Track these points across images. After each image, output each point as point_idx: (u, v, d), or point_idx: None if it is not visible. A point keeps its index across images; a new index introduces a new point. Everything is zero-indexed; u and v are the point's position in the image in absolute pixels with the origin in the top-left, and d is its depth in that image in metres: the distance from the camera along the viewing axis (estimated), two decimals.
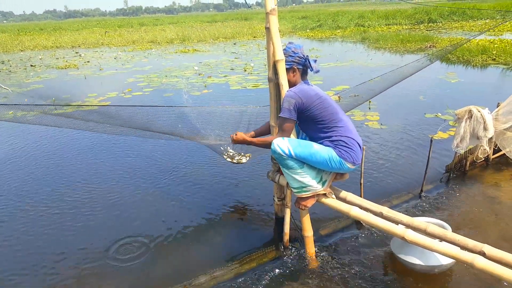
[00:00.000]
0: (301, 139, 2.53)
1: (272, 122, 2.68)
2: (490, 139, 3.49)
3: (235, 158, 3.23)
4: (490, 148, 3.72)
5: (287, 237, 2.77)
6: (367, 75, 8.39)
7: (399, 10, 28.08)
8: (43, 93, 8.97)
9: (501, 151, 3.80)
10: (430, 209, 3.22)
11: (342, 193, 2.58)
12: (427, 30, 19.64)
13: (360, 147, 2.38)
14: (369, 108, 6.23)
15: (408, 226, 2.28)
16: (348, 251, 2.72)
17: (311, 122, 2.36)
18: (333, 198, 2.50)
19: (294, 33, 23.32)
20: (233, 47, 17.54)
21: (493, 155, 4.00)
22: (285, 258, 2.68)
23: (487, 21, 21.82)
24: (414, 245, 2.20)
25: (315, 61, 2.44)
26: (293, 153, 2.28)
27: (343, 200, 2.55)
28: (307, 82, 2.46)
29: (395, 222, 2.32)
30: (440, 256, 2.30)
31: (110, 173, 4.29)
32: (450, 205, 3.27)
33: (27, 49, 21.42)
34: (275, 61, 2.43)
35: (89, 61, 14.81)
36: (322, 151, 2.29)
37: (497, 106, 3.64)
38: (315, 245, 2.68)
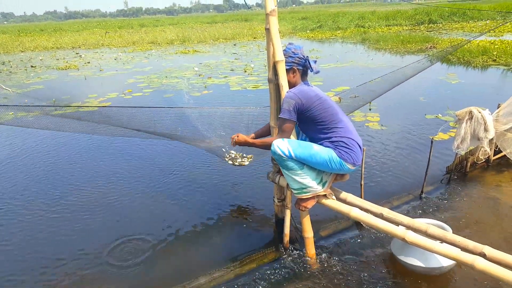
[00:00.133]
0: (301, 140, 2.53)
1: (272, 123, 2.67)
2: (490, 140, 3.49)
3: (237, 160, 3.21)
4: (490, 149, 3.71)
5: (287, 238, 2.76)
6: (368, 76, 8.39)
7: (399, 11, 28.09)
8: (44, 94, 8.98)
9: (501, 152, 3.79)
10: (430, 210, 3.21)
11: (342, 194, 2.58)
12: (428, 31, 19.64)
13: (360, 148, 2.38)
14: (370, 109, 6.22)
15: (408, 227, 2.27)
16: (348, 252, 2.72)
17: (311, 123, 2.36)
18: (333, 199, 2.50)
19: (294, 34, 23.33)
20: (233, 48, 17.55)
21: (494, 156, 4.00)
22: (285, 259, 2.68)
23: (488, 22, 21.82)
24: (414, 246, 2.20)
25: (315, 62, 2.44)
26: (293, 154, 2.27)
27: (343, 201, 2.54)
28: (307, 83, 2.47)
29: (395, 223, 2.31)
30: (440, 257, 2.29)
31: (109, 174, 4.28)
32: (450, 206, 3.27)
33: (28, 50, 21.45)
34: (275, 62, 2.43)
35: (89, 62, 14.82)
36: (322, 152, 2.28)
37: (498, 107, 3.64)
38: (315, 246, 2.68)
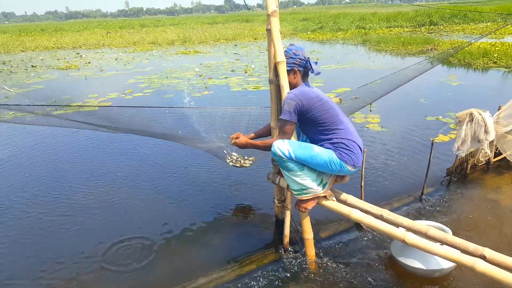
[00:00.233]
0: (301, 141, 2.52)
1: (272, 123, 2.67)
2: (491, 142, 3.48)
3: (238, 162, 3.21)
4: (491, 151, 3.72)
5: (287, 239, 2.76)
6: (368, 77, 8.38)
7: (400, 12, 28.10)
8: (44, 94, 8.98)
9: (502, 154, 3.79)
10: (431, 212, 3.21)
11: (342, 195, 2.57)
12: (428, 32, 19.64)
13: (361, 149, 2.37)
14: (370, 110, 6.22)
15: (408, 229, 2.27)
16: (348, 254, 2.71)
17: (311, 124, 2.35)
18: (334, 200, 2.49)
19: (295, 35, 23.35)
20: (234, 48, 17.56)
21: (494, 158, 4.00)
22: (285, 260, 2.68)
23: (489, 24, 21.83)
24: (414, 248, 2.20)
25: (316, 63, 2.44)
26: (293, 155, 2.27)
27: (344, 202, 2.54)
28: (307, 84, 2.46)
29: (395, 225, 2.31)
30: (440, 259, 2.29)
31: (109, 174, 4.28)
32: (451, 208, 3.26)
33: (28, 49, 21.47)
34: (276, 63, 2.43)
35: (90, 62, 14.82)
36: (322, 154, 2.28)
37: (498, 109, 3.64)
38: (315, 248, 2.67)
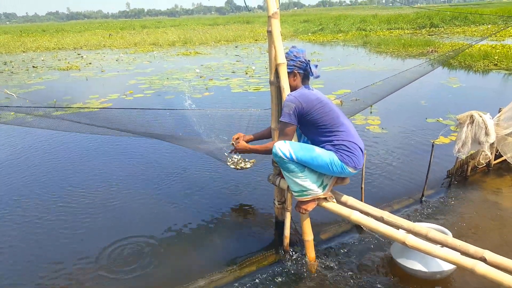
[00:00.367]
0: (302, 142, 2.52)
1: (273, 125, 2.68)
2: (491, 145, 3.48)
3: (239, 164, 3.21)
4: (491, 153, 3.71)
5: (287, 241, 2.76)
6: (369, 79, 8.37)
7: (401, 14, 28.13)
8: (45, 95, 8.98)
9: (502, 156, 3.79)
10: (431, 214, 3.21)
11: (343, 197, 2.57)
12: (429, 34, 19.66)
13: (362, 151, 2.37)
14: (370, 112, 6.22)
15: (409, 231, 2.26)
16: (348, 256, 2.71)
17: (312, 126, 2.35)
18: (334, 202, 2.49)
19: (295, 36, 23.38)
20: (235, 50, 17.58)
21: (495, 160, 4.00)
22: (285, 262, 2.67)
23: (489, 27, 21.85)
24: (414, 250, 2.19)
25: (316, 66, 2.44)
26: (294, 156, 2.27)
27: (344, 204, 2.54)
28: (307, 86, 2.45)
29: (396, 227, 2.31)
30: (440, 262, 2.29)
31: (109, 175, 4.28)
32: (451, 210, 3.26)
33: (29, 50, 21.51)
34: (277, 65, 2.43)
35: (91, 63, 14.85)
36: (323, 155, 2.28)
37: (499, 111, 3.63)
38: (315, 249, 2.67)
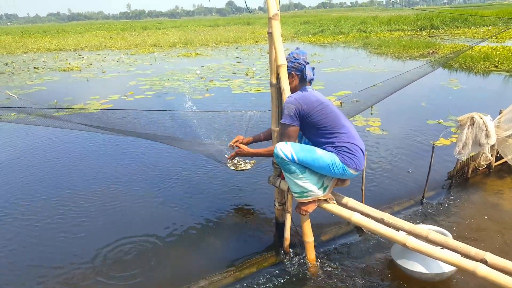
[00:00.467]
0: (303, 144, 2.52)
1: (273, 126, 2.67)
2: (492, 146, 3.48)
3: (239, 166, 3.21)
4: (492, 155, 3.71)
5: (287, 242, 2.75)
6: (369, 80, 8.38)
7: (401, 16, 28.15)
8: (46, 96, 8.99)
9: (503, 158, 3.78)
10: (431, 216, 3.20)
11: (343, 199, 2.57)
12: (430, 36, 19.67)
13: (363, 153, 2.37)
14: (371, 113, 6.22)
15: (409, 233, 2.26)
16: (348, 257, 2.71)
17: (313, 128, 2.35)
18: (334, 203, 2.49)
19: (296, 38, 23.39)
20: (235, 51, 17.59)
21: (495, 162, 3.99)
22: (285, 263, 2.67)
23: (490, 28, 21.85)
24: (415, 252, 2.19)
25: (313, 68, 2.43)
26: (295, 157, 2.27)
27: (344, 206, 2.53)
28: (305, 88, 2.43)
29: (396, 228, 2.30)
30: (441, 263, 2.28)
31: (109, 177, 4.27)
32: (452, 212, 3.26)
33: (31, 51, 21.53)
34: (277, 66, 2.43)
35: (91, 64, 14.86)
36: (325, 157, 2.28)
37: (499, 113, 3.63)
38: (315, 251, 2.66)
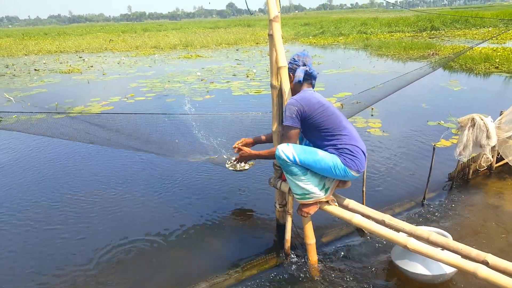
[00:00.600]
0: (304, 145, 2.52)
1: (274, 128, 2.68)
2: (493, 148, 3.48)
3: (238, 166, 3.20)
4: (493, 156, 3.71)
5: (288, 244, 2.75)
6: (370, 82, 8.40)
7: (401, 17, 28.17)
8: (47, 97, 8.99)
9: (504, 159, 3.78)
10: (432, 217, 3.20)
11: (344, 200, 2.57)
12: (430, 37, 19.68)
13: (364, 154, 2.37)
14: (371, 115, 6.22)
15: (410, 234, 2.26)
16: (350, 259, 2.70)
17: (314, 130, 2.35)
18: (336, 205, 2.49)
19: (296, 39, 23.41)
20: (236, 53, 17.61)
21: (496, 163, 3.99)
22: (286, 265, 2.67)
23: (490, 29, 21.85)
24: (415, 254, 2.19)
25: (304, 71, 2.40)
26: (297, 159, 2.27)
27: (345, 207, 2.53)
28: (305, 90, 2.43)
29: (397, 230, 2.30)
30: (441, 265, 2.28)
31: (109, 180, 4.25)
32: (452, 213, 3.25)
33: (31, 53, 21.57)
34: (278, 68, 2.43)
35: (92, 66, 14.88)
36: (326, 158, 2.28)
37: (500, 114, 3.64)
38: (316, 252, 2.66)
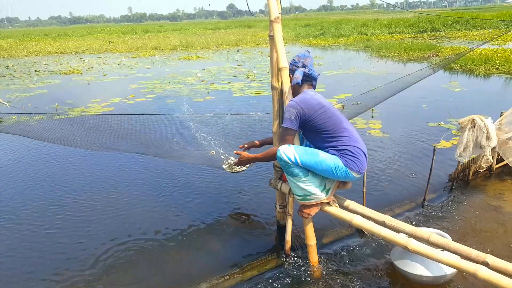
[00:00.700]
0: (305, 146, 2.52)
1: (274, 129, 2.68)
2: (493, 149, 3.49)
3: (235, 168, 3.19)
4: (493, 157, 3.71)
5: (288, 245, 2.75)
6: (370, 83, 8.41)
7: (402, 19, 28.19)
8: (48, 98, 9.00)
9: (504, 160, 3.78)
10: (432, 218, 3.20)
11: (345, 201, 2.57)
12: (430, 39, 19.70)
13: (365, 155, 2.37)
14: (372, 116, 6.23)
15: (410, 235, 2.26)
16: (350, 260, 2.70)
17: (315, 131, 2.35)
18: (337, 206, 2.49)
19: (297, 40, 23.44)
20: (236, 54, 17.63)
21: (496, 164, 3.99)
22: (286, 266, 2.67)
23: (491, 31, 21.87)
24: (414, 255, 2.19)
25: (303, 72, 2.40)
26: (299, 160, 2.27)
27: (346, 208, 2.53)
28: (305, 92, 2.44)
29: (397, 231, 2.30)
30: (441, 266, 2.28)
31: (108, 181, 4.26)
32: (453, 214, 3.25)
33: (32, 54, 21.61)
34: (279, 69, 2.44)
35: (92, 67, 14.90)
36: (328, 160, 2.28)
37: (500, 115, 3.64)
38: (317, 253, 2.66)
